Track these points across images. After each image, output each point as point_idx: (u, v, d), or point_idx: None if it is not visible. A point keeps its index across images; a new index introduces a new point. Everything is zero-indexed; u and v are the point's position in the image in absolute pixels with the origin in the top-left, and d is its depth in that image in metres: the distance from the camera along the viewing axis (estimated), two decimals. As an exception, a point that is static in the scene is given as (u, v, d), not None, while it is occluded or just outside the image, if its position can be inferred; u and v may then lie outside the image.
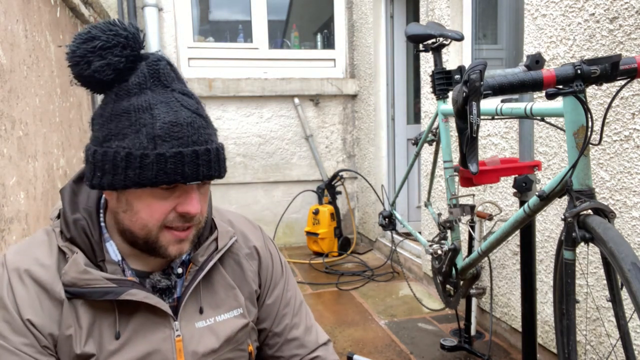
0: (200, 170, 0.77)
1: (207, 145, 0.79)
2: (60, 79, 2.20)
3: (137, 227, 0.81)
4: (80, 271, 0.80)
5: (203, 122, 0.80)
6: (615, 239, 0.98)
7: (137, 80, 0.78)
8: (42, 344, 0.79)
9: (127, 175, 0.75)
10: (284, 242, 4.23)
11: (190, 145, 0.76)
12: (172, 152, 0.75)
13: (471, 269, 1.77)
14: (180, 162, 0.75)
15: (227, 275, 0.96)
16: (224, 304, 0.94)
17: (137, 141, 0.75)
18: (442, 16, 2.66)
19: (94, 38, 0.76)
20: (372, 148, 3.91)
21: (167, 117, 0.76)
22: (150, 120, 0.76)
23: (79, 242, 0.83)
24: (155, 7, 3.79)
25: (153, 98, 0.77)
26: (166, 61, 0.82)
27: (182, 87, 0.82)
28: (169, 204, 0.80)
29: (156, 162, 0.75)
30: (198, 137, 0.78)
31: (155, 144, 0.75)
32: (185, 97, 0.80)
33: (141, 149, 0.75)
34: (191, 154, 0.76)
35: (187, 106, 0.79)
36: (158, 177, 0.75)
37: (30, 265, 0.81)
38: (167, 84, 0.79)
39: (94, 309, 0.82)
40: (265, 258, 1.03)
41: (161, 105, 0.77)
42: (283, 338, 1.02)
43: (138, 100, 0.77)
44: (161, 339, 0.85)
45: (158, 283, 0.88)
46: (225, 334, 0.92)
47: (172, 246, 0.83)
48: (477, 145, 0.99)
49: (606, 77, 1.00)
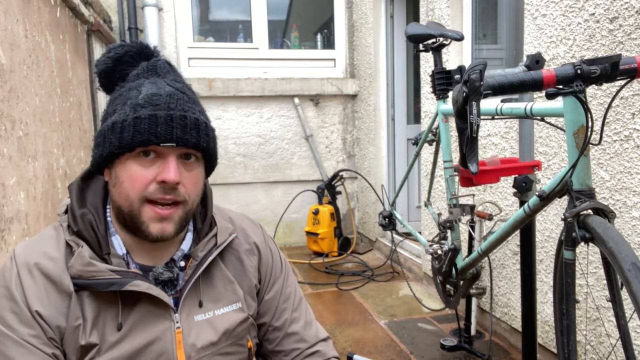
0: (174, 132, 0.81)
1: (185, 112, 0.84)
2: (60, 79, 2.19)
3: (122, 200, 0.85)
4: (85, 263, 0.83)
5: (185, 97, 0.86)
6: (615, 239, 0.98)
7: (136, 72, 0.89)
8: (48, 335, 0.81)
9: (111, 142, 0.83)
10: (284, 242, 4.23)
11: (166, 110, 0.82)
12: (147, 114, 0.81)
13: (471, 269, 1.77)
14: (154, 123, 0.81)
15: (227, 270, 0.98)
16: (223, 298, 0.95)
17: (122, 111, 0.83)
18: (442, 16, 2.66)
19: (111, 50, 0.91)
20: (372, 148, 3.91)
21: (150, 90, 0.84)
22: (135, 94, 0.84)
23: (85, 235, 0.86)
24: (155, 7, 3.79)
25: (145, 81, 0.87)
26: (165, 60, 0.91)
27: (175, 77, 0.89)
28: (150, 173, 0.83)
29: (133, 125, 0.81)
30: (176, 105, 0.84)
31: (135, 110, 0.82)
32: (175, 82, 0.88)
33: (123, 116, 0.82)
34: (165, 116, 0.82)
35: (172, 84, 0.86)
36: (134, 138, 0.81)
37: (38, 258, 0.83)
38: (161, 74, 0.88)
39: (99, 301, 0.85)
40: (265, 254, 1.04)
41: (149, 84, 0.86)
42: (283, 332, 1.03)
43: (132, 84, 0.87)
44: (161, 330, 0.87)
45: (160, 275, 0.90)
46: (223, 327, 0.93)
47: (153, 223, 0.84)
48: (477, 145, 0.99)
49: (606, 77, 1.00)
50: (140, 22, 3.80)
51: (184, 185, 0.85)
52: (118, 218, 0.88)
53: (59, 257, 0.84)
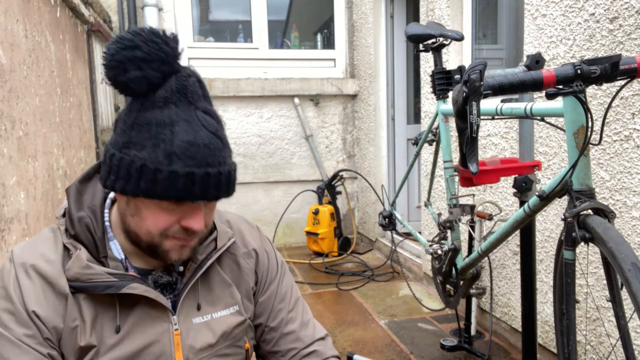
0: (209, 191, 0.79)
1: (220, 167, 0.80)
2: (60, 79, 2.20)
3: (142, 232, 0.84)
4: (82, 266, 0.83)
5: (220, 143, 0.81)
6: (615, 239, 0.98)
7: (164, 94, 0.79)
8: (44, 335, 0.81)
9: (139, 185, 0.78)
10: (284, 242, 4.23)
11: (204, 167, 0.78)
12: (185, 171, 0.77)
13: (471, 269, 1.77)
14: (191, 181, 0.77)
15: (224, 274, 0.98)
16: (221, 301, 0.96)
17: (154, 155, 0.77)
18: (442, 16, 2.66)
19: (136, 47, 0.77)
20: (372, 148, 3.91)
21: (186, 135, 0.77)
22: (169, 136, 0.77)
23: (82, 239, 0.86)
24: (155, 7, 3.79)
25: (176, 114, 0.78)
26: (196, 78, 0.83)
27: (206, 106, 0.82)
28: (175, 217, 0.82)
29: (168, 178, 0.77)
30: (213, 159, 0.79)
31: (170, 160, 0.76)
32: (208, 116, 0.81)
33: (156, 164, 0.77)
34: (203, 175, 0.78)
35: (207, 126, 0.80)
36: (168, 192, 0.77)
37: (36, 260, 0.84)
38: (192, 100, 0.80)
39: (96, 303, 0.85)
40: (262, 256, 1.05)
41: (182, 123, 0.78)
42: (279, 332, 1.03)
43: (162, 114, 0.78)
44: (159, 332, 0.88)
45: (160, 279, 0.90)
46: (221, 330, 0.94)
47: (173, 251, 0.85)
48: (477, 145, 1.00)
49: (606, 77, 1.00)
50: (140, 22, 3.79)
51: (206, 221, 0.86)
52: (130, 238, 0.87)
53: (56, 259, 0.85)
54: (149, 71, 0.77)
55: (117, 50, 0.77)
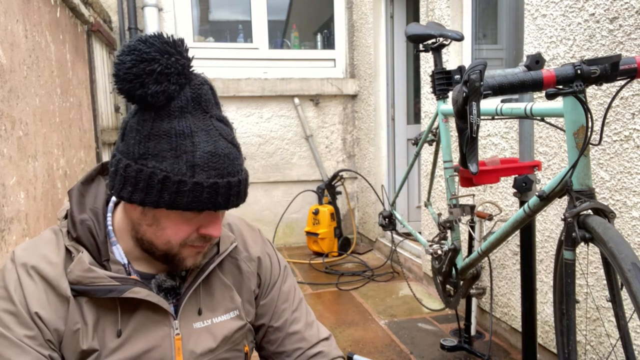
0: (230, 200, 0.81)
1: (239, 175, 0.82)
2: (60, 79, 2.20)
3: (160, 242, 0.85)
4: (85, 269, 0.83)
5: (237, 151, 0.83)
6: (615, 239, 0.98)
7: (180, 103, 0.79)
8: (45, 337, 0.81)
9: (162, 197, 0.78)
10: (284, 242, 4.23)
11: (226, 177, 0.79)
12: (210, 182, 0.78)
13: (471, 269, 1.77)
14: (215, 192, 0.79)
15: (225, 278, 0.98)
16: (221, 306, 0.96)
17: (177, 167, 0.77)
18: (442, 16, 2.66)
19: (153, 60, 0.76)
20: (372, 148, 3.91)
21: (207, 146, 0.78)
22: (191, 147, 0.77)
23: (84, 241, 0.85)
24: (155, 7, 3.79)
25: (194, 124, 0.79)
26: (209, 86, 0.83)
27: (219, 114, 0.84)
28: (194, 226, 0.84)
29: (192, 190, 0.78)
30: (233, 168, 0.81)
31: (194, 172, 0.77)
32: (222, 124, 0.82)
33: (180, 175, 0.77)
34: (225, 185, 0.80)
35: (225, 136, 0.81)
36: (192, 204, 0.78)
37: (38, 262, 0.83)
38: (206, 109, 0.81)
39: (98, 307, 0.85)
40: (265, 260, 1.05)
41: (202, 134, 0.79)
42: (284, 332, 1.03)
43: (179, 124, 0.78)
44: (161, 337, 0.88)
45: (163, 283, 0.90)
46: (222, 335, 0.94)
47: (190, 258, 0.88)
48: (477, 145, 0.99)
49: (606, 77, 1.00)
50: (140, 22, 3.80)
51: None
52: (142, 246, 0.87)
53: (58, 261, 0.84)
54: (168, 85, 0.77)
55: (134, 63, 0.75)
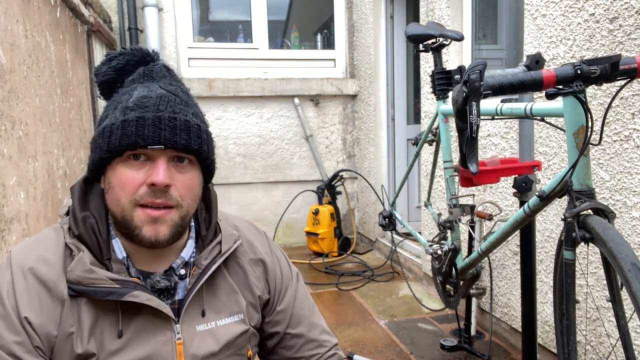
0: (162, 134, 0.80)
1: (175, 114, 0.82)
2: (60, 79, 2.20)
3: (114, 205, 0.84)
4: (85, 270, 0.81)
5: (177, 99, 0.84)
6: (615, 239, 0.98)
7: (131, 77, 0.89)
8: (34, 343, 0.79)
9: (100, 147, 0.83)
10: (284, 242, 4.23)
11: (154, 112, 0.81)
12: (135, 116, 0.80)
13: (471, 269, 1.77)
14: (142, 125, 0.80)
15: (230, 280, 0.96)
16: (226, 309, 0.94)
17: (113, 116, 0.83)
18: (442, 16, 2.66)
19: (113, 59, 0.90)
20: (372, 148, 3.91)
21: (141, 93, 0.84)
22: (127, 97, 0.84)
23: (86, 239, 0.84)
24: (155, 7, 3.79)
25: (139, 85, 0.87)
26: (162, 64, 0.91)
27: (172, 81, 0.89)
28: (140, 176, 0.82)
29: (121, 128, 0.80)
30: (166, 107, 0.82)
31: (124, 114, 0.82)
32: (170, 86, 0.87)
33: (113, 120, 0.82)
34: (153, 118, 0.80)
35: (165, 87, 0.86)
36: (122, 141, 0.80)
37: (33, 263, 0.82)
38: (156, 79, 0.88)
39: (97, 308, 0.83)
40: (273, 264, 1.03)
41: (141, 87, 0.85)
42: (303, 339, 1.02)
43: (126, 89, 0.87)
44: (162, 341, 0.86)
45: (157, 283, 0.87)
46: (225, 339, 0.92)
47: (146, 226, 0.82)
48: (477, 145, 0.99)
49: (606, 77, 1.00)
50: (140, 22, 3.80)
51: (176, 189, 0.83)
52: (116, 225, 0.87)
53: (56, 260, 0.83)
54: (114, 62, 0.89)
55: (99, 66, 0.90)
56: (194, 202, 0.89)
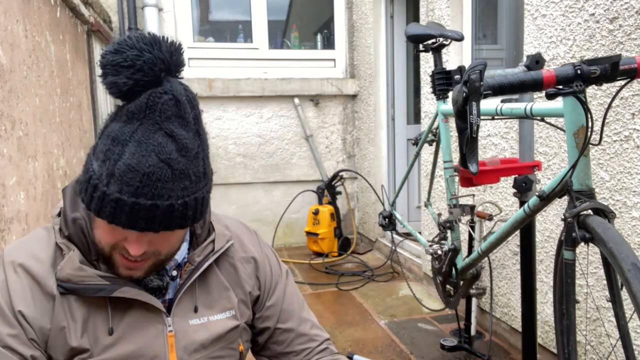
0: (138, 222, 0.74)
1: (158, 200, 0.73)
2: (60, 79, 2.20)
3: (95, 238, 0.84)
4: (75, 268, 0.83)
5: (169, 174, 0.74)
6: (615, 239, 0.98)
7: (132, 108, 0.75)
8: (29, 336, 0.81)
9: (85, 195, 0.78)
10: (284, 242, 4.23)
11: (137, 197, 0.73)
12: (115, 196, 0.73)
13: (471, 269, 1.77)
14: (120, 209, 0.73)
15: (222, 277, 0.98)
16: (218, 305, 0.96)
17: (100, 171, 0.75)
18: (442, 16, 2.66)
19: (119, 52, 0.74)
20: (372, 148, 3.91)
21: (130, 159, 0.73)
22: (117, 156, 0.74)
23: (75, 240, 0.85)
24: (155, 7, 3.79)
25: (133, 134, 0.74)
26: (172, 95, 0.76)
27: (173, 128, 0.75)
28: (118, 236, 0.80)
29: (100, 198, 0.74)
30: (150, 189, 0.73)
31: (108, 181, 0.74)
32: (170, 140, 0.75)
33: (97, 180, 0.75)
34: (131, 205, 0.73)
35: (160, 153, 0.73)
36: (99, 212, 0.75)
37: (25, 259, 0.84)
38: (158, 120, 0.75)
39: (88, 305, 0.85)
40: (263, 262, 1.05)
41: (134, 144, 0.74)
42: (293, 334, 1.04)
43: (122, 129, 0.75)
44: (154, 334, 0.88)
45: (150, 282, 0.89)
46: (217, 333, 0.94)
47: (122, 268, 0.84)
48: (477, 145, 1.00)
49: (606, 77, 1.00)
50: (140, 22, 3.79)
51: (153, 245, 0.82)
52: None
53: (46, 259, 0.85)
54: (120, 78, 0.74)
55: (106, 52, 0.75)
56: (175, 247, 0.87)
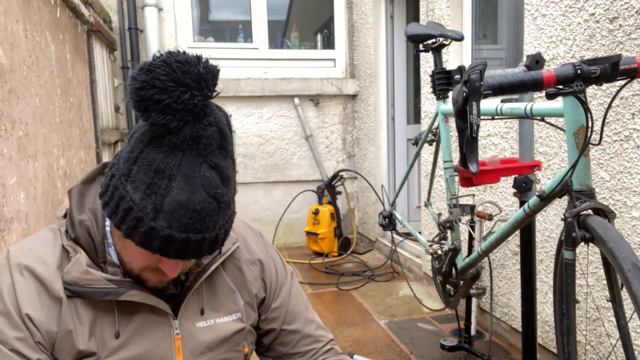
0: (186, 253, 0.75)
1: (206, 233, 0.75)
2: (60, 79, 2.20)
3: (124, 258, 0.84)
4: (82, 271, 0.82)
5: (215, 206, 0.75)
6: (615, 239, 0.98)
7: (174, 139, 0.72)
8: (35, 339, 0.80)
9: (122, 223, 0.74)
10: (284, 242, 4.23)
11: (188, 232, 0.73)
12: (166, 233, 0.72)
13: (471, 269, 1.77)
14: (169, 243, 0.73)
15: (229, 279, 0.98)
16: (224, 307, 0.96)
17: (144, 203, 0.73)
18: (442, 16, 2.66)
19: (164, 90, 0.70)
20: (372, 148, 3.91)
21: (179, 195, 0.72)
22: (163, 190, 0.72)
23: (82, 242, 0.85)
24: (155, 7, 3.79)
25: (178, 165, 0.73)
26: (217, 128, 0.75)
27: (216, 159, 0.75)
28: (153, 260, 0.80)
29: (148, 233, 0.73)
30: (200, 224, 0.74)
31: (155, 216, 0.72)
32: (214, 172, 0.75)
33: (142, 213, 0.73)
34: (183, 239, 0.73)
35: (207, 188, 0.73)
36: (145, 244, 0.74)
37: (31, 261, 0.83)
38: (202, 152, 0.74)
39: (95, 308, 0.84)
40: (268, 264, 1.05)
41: (181, 179, 0.72)
42: (299, 335, 1.04)
43: (164, 161, 0.73)
44: (161, 337, 0.88)
45: (167, 290, 0.90)
46: (223, 335, 0.94)
47: (150, 282, 0.85)
48: (477, 145, 1.00)
49: (606, 77, 1.00)
50: (140, 22, 3.80)
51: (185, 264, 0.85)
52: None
53: (53, 261, 0.84)
54: (172, 119, 0.71)
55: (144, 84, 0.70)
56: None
